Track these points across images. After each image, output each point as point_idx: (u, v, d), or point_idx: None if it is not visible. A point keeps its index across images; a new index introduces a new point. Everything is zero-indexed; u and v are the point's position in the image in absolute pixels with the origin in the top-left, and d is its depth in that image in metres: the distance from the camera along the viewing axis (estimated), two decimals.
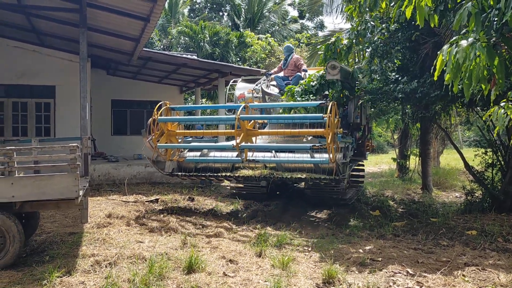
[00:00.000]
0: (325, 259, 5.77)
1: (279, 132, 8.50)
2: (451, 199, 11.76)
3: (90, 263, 5.40)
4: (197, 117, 11.65)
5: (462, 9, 3.15)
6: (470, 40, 3.19)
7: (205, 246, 6.42)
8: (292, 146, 8.39)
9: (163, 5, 7.66)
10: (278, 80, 10.25)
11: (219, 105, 11.27)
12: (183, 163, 8.92)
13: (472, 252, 6.37)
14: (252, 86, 10.86)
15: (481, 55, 3.08)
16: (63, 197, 5.24)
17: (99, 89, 15.82)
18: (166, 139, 8.64)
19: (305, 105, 8.72)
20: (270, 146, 8.56)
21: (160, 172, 8.95)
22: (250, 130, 8.12)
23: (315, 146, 7.55)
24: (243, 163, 8.25)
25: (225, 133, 10.54)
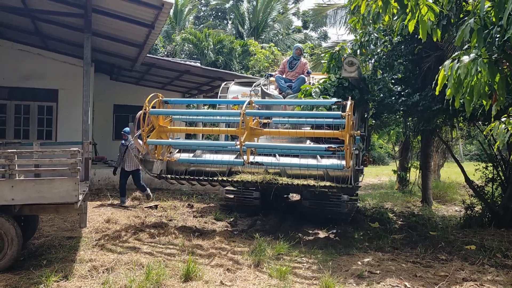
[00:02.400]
0: (323, 271, 5.75)
1: (287, 133, 7.67)
2: (451, 213, 11.72)
3: (87, 268, 5.40)
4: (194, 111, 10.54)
5: (465, 25, 3.17)
6: (472, 56, 3.21)
7: (203, 254, 6.41)
8: (305, 147, 7.62)
9: (168, 12, 7.72)
10: (280, 81, 9.52)
11: (219, 100, 10.08)
12: (173, 165, 8.11)
13: (470, 267, 6.34)
14: (246, 89, 10.07)
15: (483, 71, 3.10)
16: (63, 201, 5.25)
17: (101, 93, 15.86)
18: (157, 136, 7.72)
19: (320, 103, 8.02)
20: (280, 146, 7.62)
21: (148, 173, 8.05)
22: (254, 128, 7.31)
23: (330, 148, 6.79)
24: (244, 166, 7.51)
25: (226, 131, 8.42)
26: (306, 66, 9.81)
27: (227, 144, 7.92)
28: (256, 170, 7.71)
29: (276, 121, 8.15)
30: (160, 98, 7.76)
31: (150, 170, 8.04)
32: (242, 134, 6.90)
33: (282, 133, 7.71)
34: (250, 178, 7.51)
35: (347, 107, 6.66)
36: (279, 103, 8.79)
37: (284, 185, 7.35)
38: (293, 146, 7.65)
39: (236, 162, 7.61)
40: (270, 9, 32.65)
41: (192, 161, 8.02)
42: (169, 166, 8.20)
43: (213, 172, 7.85)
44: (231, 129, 7.54)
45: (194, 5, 35.69)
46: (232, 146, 7.28)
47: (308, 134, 7.37)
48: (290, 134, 7.65)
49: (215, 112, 9.01)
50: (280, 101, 8.89)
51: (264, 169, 7.67)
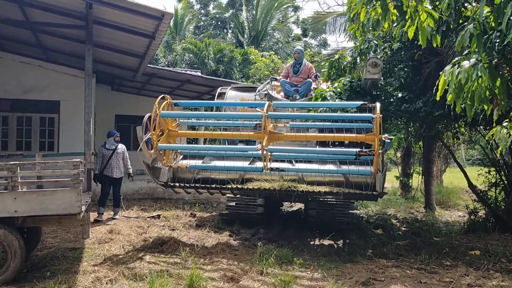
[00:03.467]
0: (327, 279, 5.72)
1: (310, 137, 7.29)
2: (454, 218, 11.69)
3: (90, 280, 5.38)
4: (210, 113, 8.97)
5: (464, 30, 3.19)
6: (472, 61, 3.22)
7: (206, 263, 6.39)
8: (334, 151, 7.17)
9: (169, 23, 7.76)
10: (286, 85, 9.15)
11: (234, 102, 9.20)
12: (179, 172, 7.59)
13: (475, 273, 6.30)
14: (245, 95, 9.68)
15: (483, 76, 3.11)
16: (66, 213, 5.25)
17: (103, 104, 15.88)
18: (166, 141, 7.30)
19: (344, 106, 7.75)
20: (306, 151, 7.30)
21: (155, 181, 7.44)
22: (274, 132, 6.96)
23: (362, 152, 6.51)
24: (262, 173, 7.01)
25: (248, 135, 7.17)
26: (312, 70, 9.56)
27: (248, 148, 7.40)
28: (270, 177, 7.22)
29: (293, 125, 7.56)
30: (169, 101, 7.40)
31: (157, 177, 7.45)
32: (262, 138, 6.61)
33: (303, 137, 7.35)
34: (268, 186, 7.02)
35: (376, 109, 6.50)
36: (299, 106, 8.41)
37: (303, 193, 6.94)
38: (321, 150, 7.30)
39: (253, 168, 7.14)
40: (270, 18, 32.81)
41: (204, 167, 7.43)
42: (175, 173, 7.64)
43: (223, 180, 7.28)
44: (253, 133, 6.94)
45: (194, 15, 35.92)
46: (254, 151, 6.92)
47: (338, 138, 7.09)
48: (318, 138, 7.30)
49: (234, 115, 8.16)
50: (301, 104, 8.50)
51: (280, 176, 7.19)
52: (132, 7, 7.30)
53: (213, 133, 7.90)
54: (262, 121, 6.58)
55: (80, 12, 8.12)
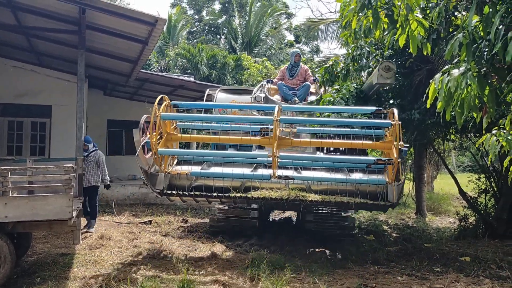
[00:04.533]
0: (318, 285, 5.73)
1: (332, 143, 6.97)
2: (445, 225, 11.75)
3: (80, 285, 5.36)
4: (216, 116, 8.17)
5: (454, 39, 3.24)
6: (461, 69, 3.27)
7: (198, 269, 6.37)
8: (351, 159, 6.96)
9: (162, 28, 7.79)
10: (283, 88, 8.88)
11: (241, 105, 8.55)
12: (176, 179, 6.97)
13: (466, 279, 6.36)
14: (235, 97, 9.34)
15: (472, 84, 3.16)
16: (57, 218, 5.23)
17: (95, 109, 15.83)
18: (164, 145, 6.80)
19: (359, 111, 7.53)
20: (320, 158, 6.96)
21: (151, 188, 6.79)
22: (283, 138, 6.62)
23: (380, 161, 6.35)
24: (270, 181, 6.59)
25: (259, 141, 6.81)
26: (309, 72, 9.40)
27: (257, 155, 7.01)
28: (274, 185, 6.77)
29: (302, 130, 7.26)
30: (168, 102, 6.99)
31: (154, 185, 6.83)
32: (271, 144, 6.31)
33: (313, 144, 7.06)
34: (275, 195, 6.51)
35: (394, 115, 6.33)
36: (314, 110, 8.03)
37: (313, 203, 6.58)
38: (337, 158, 7.04)
39: (260, 176, 6.71)
40: (263, 24, 32.93)
41: (208, 174, 6.83)
42: (171, 180, 7.00)
43: (223, 188, 6.78)
44: (264, 138, 6.60)
45: (187, 20, 35.96)
46: (264, 157, 6.58)
47: (356, 146, 6.82)
48: (334, 144, 6.94)
49: (243, 119, 7.61)
50: (314, 108, 8.17)
51: (285, 184, 6.75)
52: (126, 13, 7.32)
53: (220, 138, 7.16)
54: (274, 126, 6.26)
55: (73, 17, 8.12)
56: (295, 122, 7.36)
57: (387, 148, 6.57)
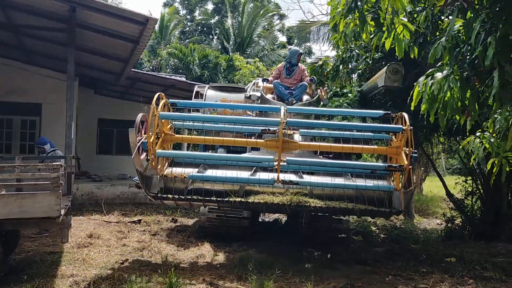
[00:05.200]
0: (305, 284, 5.79)
1: (330, 147, 6.74)
2: (433, 226, 11.89)
3: (68, 284, 5.37)
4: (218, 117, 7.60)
5: (437, 43, 3.32)
6: (444, 73, 3.35)
7: (186, 267, 6.41)
8: (361, 165, 6.89)
9: (153, 28, 7.81)
10: (280, 87, 8.56)
11: (242, 105, 8.25)
12: (170, 182, 6.59)
13: (450, 280, 6.44)
14: (225, 95, 9.08)
15: (454, 87, 3.23)
16: (45, 216, 5.22)
17: (85, 107, 15.80)
18: (161, 146, 6.48)
19: (367, 114, 7.41)
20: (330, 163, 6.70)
21: (146, 192, 6.44)
22: (288, 141, 6.38)
23: (391, 167, 6.25)
24: (273, 186, 6.39)
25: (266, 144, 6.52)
26: (305, 72, 9.10)
27: (262, 159, 6.57)
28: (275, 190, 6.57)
29: (305, 133, 7.03)
30: (166, 100, 6.64)
31: (148, 188, 6.48)
32: (276, 147, 6.14)
33: (319, 147, 6.84)
34: (277, 200, 6.29)
35: (406, 120, 6.16)
36: (320, 113, 7.86)
37: (316, 209, 6.36)
38: (345, 163, 6.66)
39: (263, 181, 6.46)
40: (255, 25, 33.04)
41: (208, 178, 6.50)
42: (166, 183, 6.60)
43: (221, 191, 6.46)
44: (269, 141, 6.37)
45: (179, 20, 35.95)
46: (270, 161, 6.23)
47: (367, 151, 6.74)
48: (344, 149, 6.53)
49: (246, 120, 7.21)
50: (321, 110, 7.97)
51: (286, 189, 6.54)
52: (116, 12, 7.34)
53: (224, 139, 6.80)
54: (279, 128, 6.07)
55: (63, 15, 8.12)
56: (303, 124, 7.03)
57: (393, 153, 6.45)
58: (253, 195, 6.49)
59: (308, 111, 7.95)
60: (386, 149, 6.69)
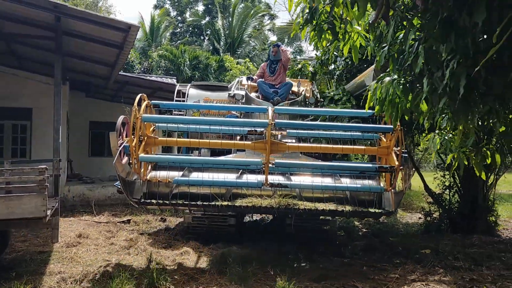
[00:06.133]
0: (282, 275, 6.08)
1: (320, 148, 6.72)
2: (414, 220, 12.21)
3: (56, 280, 5.67)
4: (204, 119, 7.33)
5: (381, 52, 3.65)
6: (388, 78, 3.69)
7: (170, 264, 6.70)
8: (356, 166, 6.97)
9: (135, 34, 8.11)
10: (264, 86, 8.41)
11: (229, 106, 8.13)
12: (154, 187, 6.48)
13: (422, 269, 6.76)
14: (209, 94, 8.90)
15: (397, 91, 3.57)
16: (32, 216, 5.53)
17: (77, 111, 16.06)
18: (143, 150, 6.28)
19: (356, 114, 7.42)
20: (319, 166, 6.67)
21: (128, 197, 6.24)
22: (276, 143, 6.28)
23: (382, 169, 6.31)
24: (262, 189, 6.27)
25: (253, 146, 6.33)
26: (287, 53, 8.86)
27: (250, 162, 6.42)
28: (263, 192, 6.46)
29: (293, 133, 6.90)
30: (148, 102, 6.47)
31: (132, 193, 6.32)
32: (263, 149, 6.06)
33: (308, 148, 6.80)
34: (265, 203, 6.15)
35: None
36: (309, 113, 7.87)
37: (306, 211, 6.17)
38: (336, 165, 6.74)
39: (251, 184, 6.34)
40: (246, 26, 33.36)
41: (194, 182, 6.37)
42: (150, 188, 6.47)
43: (204, 195, 6.31)
44: (258, 142, 6.24)
45: (170, 22, 36.20)
46: (258, 164, 6.12)
47: (357, 151, 6.80)
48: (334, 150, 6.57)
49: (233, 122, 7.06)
50: (309, 111, 8.00)
51: (273, 192, 6.44)
52: (99, 20, 7.64)
53: (210, 142, 6.67)
54: (267, 130, 6.00)
55: (50, 23, 8.40)
56: (291, 126, 6.96)
57: (383, 153, 6.47)
58: (240, 198, 6.35)
59: (296, 112, 7.89)
60: (377, 150, 6.68)
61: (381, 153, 6.57)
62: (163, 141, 7.14)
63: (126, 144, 6.21)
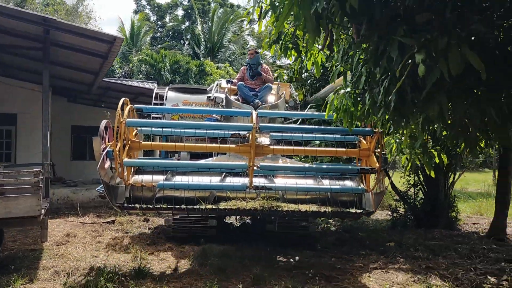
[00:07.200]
0: (256, 267, 6.69)
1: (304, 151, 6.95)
2: (384, 217, 12.98)
3: (50, 273, 6.19)
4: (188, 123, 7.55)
5: (334, 69, 4.33)
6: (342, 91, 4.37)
7: (154, 259, 7.24)
8: (339, 168, 7.11)
9: (120, 45, 8.64)
10: (244, 89, 8.46)
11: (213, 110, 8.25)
12: (137, 191, 6.46)
13: (384, 259, 7.48)
14: (187, 97, 8.93)
15: (348, 103, 4.25)
16: (27, 215, 6.05)
17: (59, 115, 16.31)
18: (128, 154, 6.27)
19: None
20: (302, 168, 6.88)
21: (111, 202, 6.16)
22: (260, 146, 6.41)
23: (363, 170, 6.49)
24: (246, 191, 6.36)
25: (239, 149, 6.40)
26: (269, 73, 9.02)
27: (235, 165, 6.55)
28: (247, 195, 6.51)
29: (276, 136, 7.02)
30: (131, 106, 6.47)
31: (115, 198, 6.29)
32: (247, 152, 6.16)
33: (294, 151, 6.96)
34: (249, 206, 6.19)
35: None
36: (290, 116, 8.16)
37: (289, 213, 6.18)
38: (321, 167, 6.99)
39: (235, 187, 6.42)
40: (225, 30, 33.93)
41: (178, 186, 6.35)
42: (132, 192, 6.48)
43: (188, 198, 6.30)
44: (243, 146, 6.33)
45: (150, 26, 36.56)
46: (243, 167, 6.22)
47: (340, 153, 6.94)
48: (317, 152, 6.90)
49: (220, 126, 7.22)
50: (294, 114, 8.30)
51: (257, 194, 6.49)
52: (87, 33, 8.16)
53: (196, 146, 6.77)
54: (252, 133, 6.09)
55: (38, 35, 8.88)
56: (275, 129, 7.10)
57: (365, 155, 6.67)
58: (224, 201, 6.41)
59: (279, 115, 8.04)
60: (358, 152, 6.83)
61: (362, 155, 6.76)
62: (148, 145, 7.20)
63: (109, 148, 6.15)
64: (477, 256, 7.72)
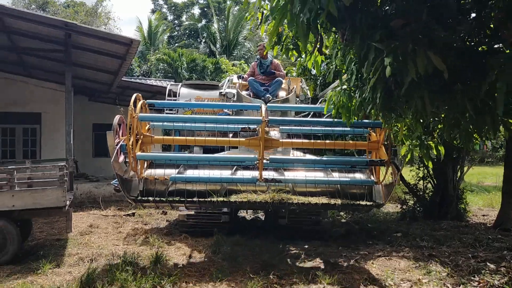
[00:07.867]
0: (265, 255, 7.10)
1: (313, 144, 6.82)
2: (395, 210, 13.22)
3: (75, 259, 6.73)
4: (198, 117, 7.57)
5: (330, 68, 4.69)
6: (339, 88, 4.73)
7: (170, 247, 7.72)
8: (348, 160, 7.08)
9: (137, 47, 9.13)
10: (255, 84, 8.60)
11: (224, 104, 8.31)
12: (151, 184, 6.58)
13: (390, 248, 7.76)
14: (200, 93, 9.05)
15: (343, 99, 4.61)
16: (54, 206, 6.58)
17: (81, 114, 16.96)
18: (140, 148, 6.48)
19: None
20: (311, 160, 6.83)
21: (126, 195, 6.30)
22: (269, 139, 6.50)
23: (373, 162, 6.54)
24: (257, 184, 6.42)
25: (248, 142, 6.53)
26: (280, 67, 9.11)
27: (245, 158, 6.63)
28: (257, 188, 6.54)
29: (285, 130, 7.04)
30: (143, 101, 6.70)
31: (129, 191, 6.41)
32: (257, 145, 6.27)
33: (301, 144, 6.91)
34: (260, 199, 6.27)
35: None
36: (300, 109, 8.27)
37: (299, 205, 6.26)
38: (330, 159, 6.94)
39: (245, 179, 6.55)
40: (241, 28, 34.23)
41: (190, 179, 6.50)
42: (146, 186, 6.60)
43: (200, 191, 6.43)
44: (252, 139, 6.45)
45: (167, 25, 37.14)
46: (253, 160, 6.35)
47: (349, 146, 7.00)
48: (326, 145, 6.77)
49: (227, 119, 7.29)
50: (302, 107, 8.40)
51: (267, 187, 6.51)
52: (106, 36, 8.67)
53: (206, 139, 6.90)
54: (261, 127, 6.22)
55: (60, 38, 9.45)
56: (284, 122, 7.16)
57: (374, 147, 6.70)
58: (235, 194, 6.48)
59: (288, 109, 8.11)
60: (367, 144, 6.86)
61: (372, 147, 6.80)
62: (160, 139, 7.31)
63: (123, 143, 6.36)
64: (480, 245, 7.91)
